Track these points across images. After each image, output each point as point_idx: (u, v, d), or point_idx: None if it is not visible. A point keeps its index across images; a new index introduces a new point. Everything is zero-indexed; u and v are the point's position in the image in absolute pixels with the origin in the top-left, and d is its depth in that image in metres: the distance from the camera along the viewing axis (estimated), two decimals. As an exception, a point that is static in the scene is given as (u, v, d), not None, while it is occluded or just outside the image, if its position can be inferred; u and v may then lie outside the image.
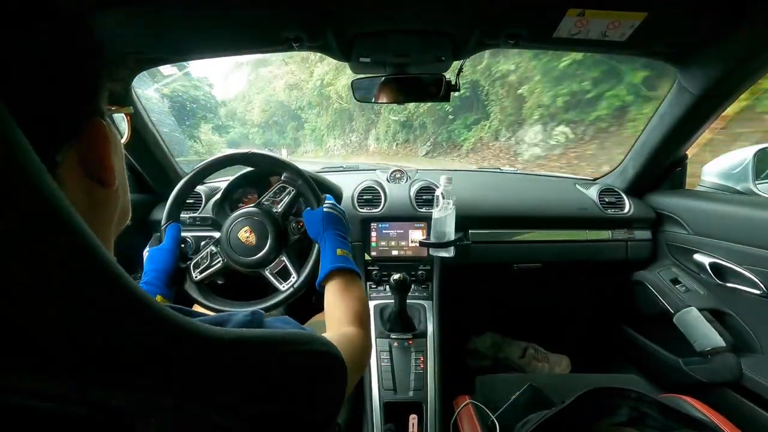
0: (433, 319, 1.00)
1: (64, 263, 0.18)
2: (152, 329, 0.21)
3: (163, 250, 0.75)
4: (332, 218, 0.73)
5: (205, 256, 0.79)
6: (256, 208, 0.80)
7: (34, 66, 0.24)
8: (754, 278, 0.84)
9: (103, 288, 0.20)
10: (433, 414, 0.83)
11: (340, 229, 0.72)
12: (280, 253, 0.78)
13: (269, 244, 0.77)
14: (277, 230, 0.78)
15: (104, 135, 0.29)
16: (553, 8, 0.67)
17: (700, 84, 0.85)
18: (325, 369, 0.33)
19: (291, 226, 0.82)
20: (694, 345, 0.93)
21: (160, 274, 0.72)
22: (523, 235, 1.13)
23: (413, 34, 0.76)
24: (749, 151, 1.05)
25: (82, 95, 0.28)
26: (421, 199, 1.12)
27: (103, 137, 0.29)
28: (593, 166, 5.49)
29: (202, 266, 0.79)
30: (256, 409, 0.25)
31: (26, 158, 0.18)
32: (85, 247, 0.19)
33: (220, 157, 0.81)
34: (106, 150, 0.29)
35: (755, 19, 0.67)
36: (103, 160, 0.29)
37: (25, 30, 0.23)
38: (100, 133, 0.29)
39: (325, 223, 0.72)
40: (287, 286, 0.76)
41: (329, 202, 0.76)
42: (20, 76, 0.23)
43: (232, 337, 0.25)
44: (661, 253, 1.14)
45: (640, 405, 0.67)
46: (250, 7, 0.67)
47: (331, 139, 17.45)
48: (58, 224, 0.18)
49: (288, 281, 0.77)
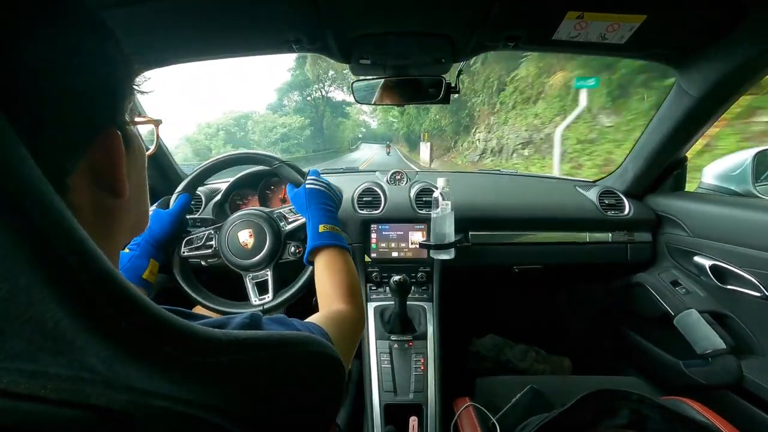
0: (434, 320, 1.00)
1: (61, 264, 0.18)
2: (148, 331, 0.21)
3: (168, 213, 0.76)
4: (315, 193, 0.72)
5: (201, 237, 0.81)
6: (266, 215, 0.80)
7: (57, 74, 0.23)
8: (755, 280, 0.84)
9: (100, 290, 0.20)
10: (433, 416, 0.82)
11: (324, 203, 0.71)
12: (268, 267, 0.78)
13: (263, 253, 0.77)
14: (275, 244, 0.78)
15: (118, 146, 0.28)
16: (553, 11, 0.67)
17: (700, 86, 0.85)
18: (321, 370, 0.33)
19: (289, 248, 0.81)
20: (695, 347, 0.93)
21: (157, 236, 0.74)
22: (523, 237, 1.13)
23: (413, 36, 0.76)
24: (749, 153, 1.05)
25: (103, 106, 0.28)
26: (421, 200, 1.12)
27: (117, 148, 0.28)
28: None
29: (194, 244, 0.81)
30: (257, 411, 0.25)
31: (25, 168, 0.18)
32: (82, 252, 0.19)
33: (237, 154, 0.84)
34: (119, 161, 0.28)
35: (754, 21, 0.67)
36: (115, 172, 0.28)
37: (54, 35, 0.23)
38: (114, 144, 0.28)
39: (309, 198, 0.71)
40: (258, 303, 0.77)
41: (311, 177, 0.75)
42: (44, 84, 0.23)
43: (230, 339, 0.25)
44: (662, 256, 1.14)
45: (641, 407, 0.66)
46: (250, 9, 0.68)
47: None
48: (56, 229, 0.19)
49: (262, 298, 0.77)
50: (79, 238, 0.20)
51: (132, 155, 0.32)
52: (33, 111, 0.22)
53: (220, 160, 0.82)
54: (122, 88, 0.30)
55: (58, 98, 0.24)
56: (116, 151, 0.28)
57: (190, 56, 0.86)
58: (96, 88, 0.27)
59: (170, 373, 0.22)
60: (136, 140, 0.33)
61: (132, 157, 0.32)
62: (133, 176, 0.33)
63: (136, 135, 0.34)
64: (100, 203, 0.28)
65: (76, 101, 0.25)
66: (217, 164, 0.82)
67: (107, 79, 0.28)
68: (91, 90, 0.26)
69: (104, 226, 0.30)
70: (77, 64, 0.25)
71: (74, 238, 0.20)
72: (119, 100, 0.29)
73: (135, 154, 0.33)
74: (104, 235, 0.30)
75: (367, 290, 1.07)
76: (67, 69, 0.24)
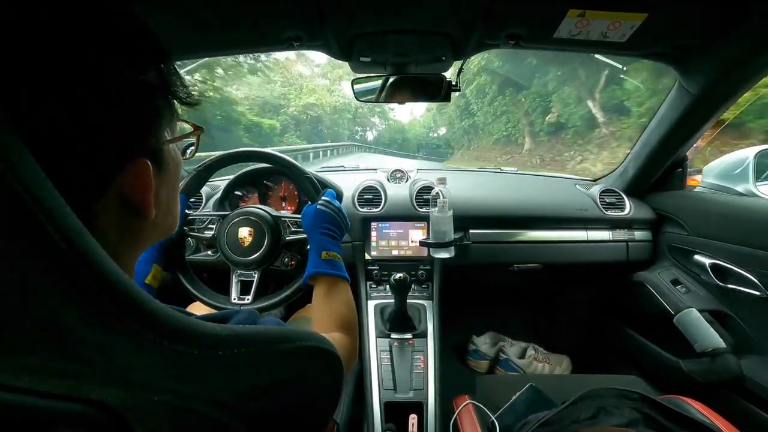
0: (434, 318, 1.00)
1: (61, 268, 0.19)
2: (147, 326, 0.21)
3: None
4: (324, 216, 0.70)
5: (204, 220, 0.81)
6: (271, 219, 0.79)
7: (88, 109, 0.23)
8: (755, 279, 0.84)
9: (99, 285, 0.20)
10: (433, 414, 0.83)
11: (330, 229, 0.69)
12: (258, 269, 0.78)
13: (257, 254, 0.76)
14: (271, 250, 0.77)
15: (146, 173, 0.28)
16: (554, 9, 0.67)
17: (700, 85, 0.85)
18: (321, 364, 0.33)
19: (283, 258, 0.80)
20: (695, 346, 0.93)
21: (163, 241, 0.72)
22: (523, 235, 1.13)
23: (413, 34, 0.76)
24: (750, 152, 1.05)
25: (133, 137, 0.27)
26: (421, 198, 1.12)
27: (145, 176, 0.28)
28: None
29: (194, 225, 0.81)
30: (255, 406, 0.25)
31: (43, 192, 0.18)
32: (82, 247, 0.20)
33: (241, 151, 0.82)
34: (147, 189, 0.28)
35: (755, 20, 0.67)
36: (143, 199, 0.28)
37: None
38: (143, 172, 0.28)
39: (316, 220, 0.69)
40: (236, 302, 0.76)
41: (325, 199, 0.73)
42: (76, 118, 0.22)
43: (229, 334, 0.25)
44: (662, 254, 1.14)
45: (641, 406, 0.67)
46: (251, 7, 0.67)
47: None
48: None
49: (242, 297, 0.77)
50: (78, 231, 0.20)
51: (165, 173, 0.32)
52: (62, 142, 0.22)
53: (240, 154, 0.81)
54: (156, 116, 0.29)
55: (89, 131, 0.23)
56: (145, 179, 0.28)
57: (190, 53, 0.86)
58: (128, 121, 0.26)
59: (169, 367, 0.22)
60: (170, 156, 0.33)
61: (165, 174, 0.32)
62: (163, 193, 0.32)
63: (172, 150, 0.33)
64: (125, 223, 0.28)
65: (106, 133, 0.25)
66: (237, 157, 0.81)
67: (140, 113, 0.28)
68: (123, 122, 0.26)
69: (127, 243, 0.29)
70: (111, 99, 0.25)
71: (73, 233, 0.20)
72: (151, 128, 0.29)
73: (169, 170, 0.33)
74: (125, 250, 0.30)
75: (367, 288, 1.07)
76: (99, 104, 0.24)
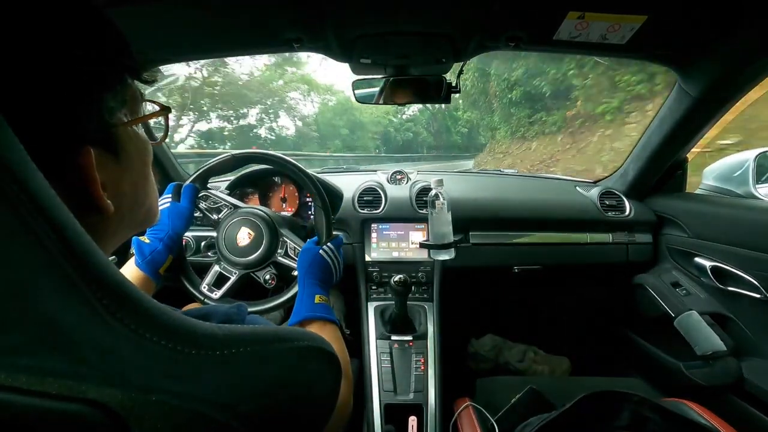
0: (434, 320, 1.00)
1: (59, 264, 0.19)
2: (145, 326, 0.21)
3: (186, 207, 0.73)
4: (322, 264, 0.68)
5: (210, 208, 0.80)
6: (276, 231, 0.78)
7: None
8: (755, 282, 0.84)
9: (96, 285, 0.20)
10: (433, 416, 0.82)
11: (325, 276, 0.68)
12: (240, 270, 0.76)
13: (248, 258, 0.76)
14: (260, 261, 0.76)
15: (89, 164, 0.25)
16: (554, 11, 0.67)
17: (700, 87, 0.85)
18: (320, 364, 0.33)
19: (265, 275, 0.78)
20: (695, 349, 0.93)
21: (180, 231, 0.71)
22: (523, 237, 1.13)
23: (413, 36, 0.76)
24: (750, 155, 1.05)
25: (64, 125, 0.24)
26: (421, 200, 1.12)
27: (89, 167, 0.25)
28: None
29: (207, 207, 0.81)
30: (254, 405, 0.25)
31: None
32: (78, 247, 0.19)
33: (258, 153, 0.82)
34: (92, 181, 0.26)
35: (754, 22, 0.67)
36: (91, 191, 0.26)
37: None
38: (86, 164, 0.25)
39: (313, 266, 0.67)
40: (206, 291, 0.75)
41: (329, 246, 0.71)
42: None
43: (226, 333, 0.25)
44: (662, 257, 1.14)
45: (642, 409, 0.66)
46: (252, 8, 0.68)
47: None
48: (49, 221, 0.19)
49: (212, 290, 0.76)
50: (72, 229, 0.20)
51: (126, 160, 0.30)
52: None
53: (257, 156, 0.80)
54: (94, 98, 0.26)
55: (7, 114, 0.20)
56: (88, 171, 0.25)
57: (191, 55, 0.87)
58: (51, 101, 0.23)
59: (167, 366, 0.22)
60: (130, 141, 0.30)
61: (126, 162, 0.30)
62: (127, 183, 0.30)
63: (133, 134, 0.31)
64: (83, 220, 0.23)
65: (27, 117, 0.22)
66: (252, 158, 0.81)
67: (68, 97, 0.24)
68: (45, 103, 0.23)
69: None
70: (28, 83, 0.22)
71: (71, 233, 0.20)
72: (89, 112, 0.26)
73: (130, 157, 0.30)
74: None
75: (368, 290, 1.07)
76: (13, 88, 0.22)
